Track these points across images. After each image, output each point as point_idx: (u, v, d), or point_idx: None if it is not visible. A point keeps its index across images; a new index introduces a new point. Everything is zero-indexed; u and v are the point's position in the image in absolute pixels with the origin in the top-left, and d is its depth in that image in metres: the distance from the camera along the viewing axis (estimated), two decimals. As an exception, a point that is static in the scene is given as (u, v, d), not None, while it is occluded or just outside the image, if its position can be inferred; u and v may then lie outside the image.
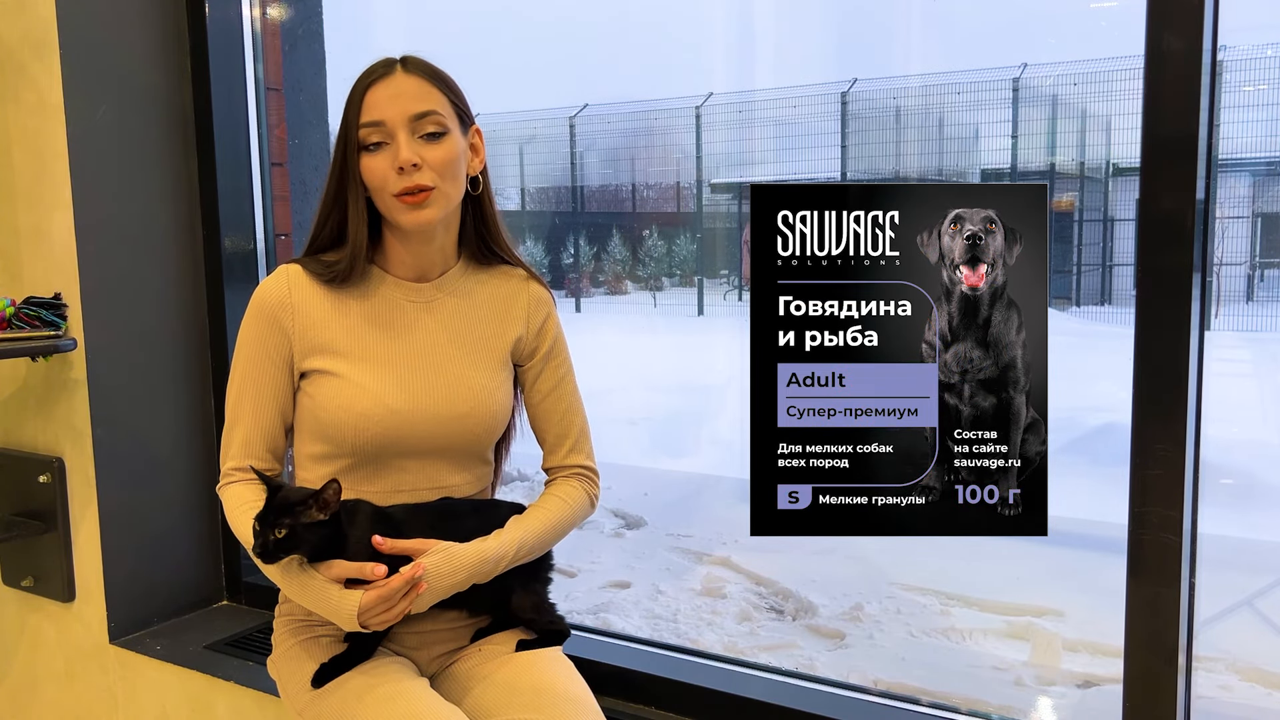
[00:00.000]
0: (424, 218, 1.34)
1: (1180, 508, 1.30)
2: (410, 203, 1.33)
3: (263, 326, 1.39)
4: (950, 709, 1.63)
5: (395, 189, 1.32)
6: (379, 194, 1.35)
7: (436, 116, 1.34)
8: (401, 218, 1.35)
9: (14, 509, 2.17)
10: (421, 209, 1.34)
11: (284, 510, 1.25)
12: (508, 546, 1.37)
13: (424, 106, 1.33)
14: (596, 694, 1.35)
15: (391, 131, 1.32)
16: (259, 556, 1.26)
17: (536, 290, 1.49)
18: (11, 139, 2.05)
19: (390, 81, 1.34)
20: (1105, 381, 6.23)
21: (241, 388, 1.40)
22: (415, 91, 1.33)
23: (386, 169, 1.33)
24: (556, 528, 1.44)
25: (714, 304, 12.45)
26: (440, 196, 1.35)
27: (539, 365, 1.48)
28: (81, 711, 2.19)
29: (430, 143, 1.33)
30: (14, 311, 1.94)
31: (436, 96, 1.35)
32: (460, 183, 1.38)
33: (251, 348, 1.39)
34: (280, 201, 2.32)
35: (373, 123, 1.33)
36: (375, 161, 1.33)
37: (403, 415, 1.36)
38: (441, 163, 1.34)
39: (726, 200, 12.74)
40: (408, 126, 1.32)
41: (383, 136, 1.33)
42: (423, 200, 1.33)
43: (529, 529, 1.40)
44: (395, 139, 1.32)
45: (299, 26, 2.34)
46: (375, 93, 1.33)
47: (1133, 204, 9.87)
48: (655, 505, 4.83)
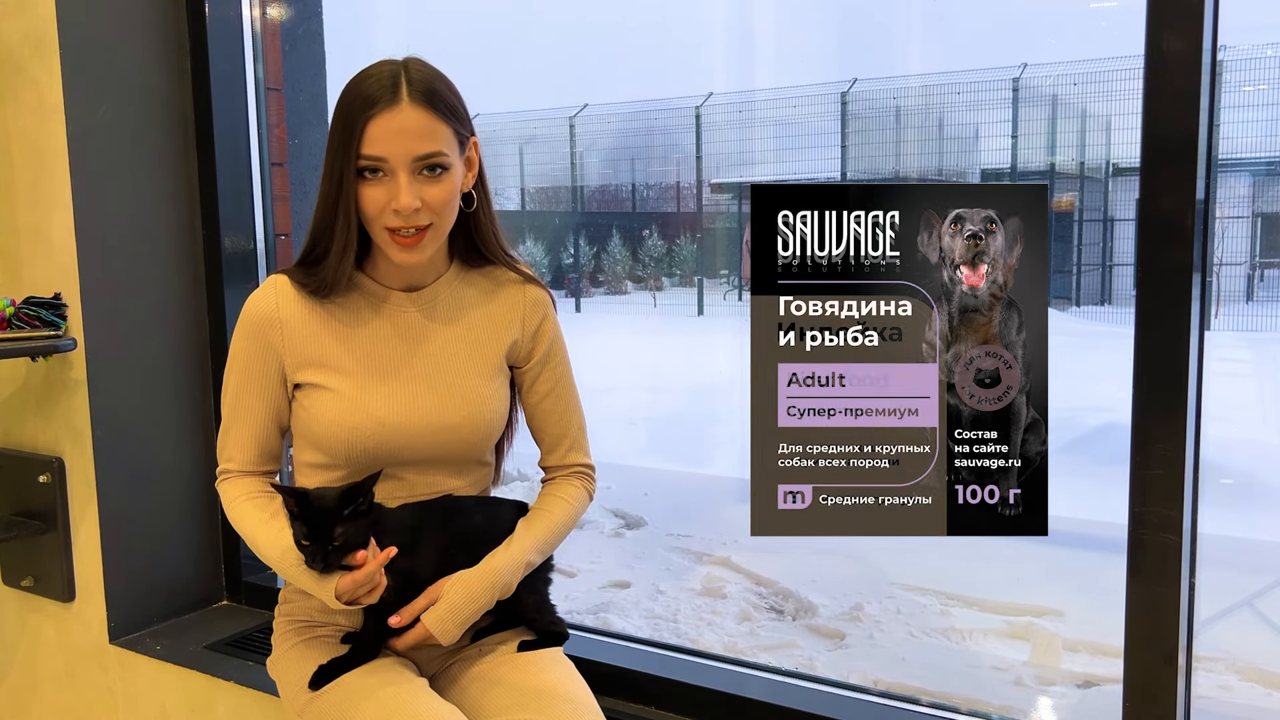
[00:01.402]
0: (414, 259, 1.34)
1: (1180, 508, 1.30)
2: (402, 244, 1.32)
3: (252, 342, 1.39)
4: (950, 709, 1.63)
5: (390, 224, 1.31)
6: (372, 223, 1.33)
7: (439, 157, 1.30)
8: (392, 254, 1.34)
9: (14, 509, 2.16)
10: (413, 251, 1.33)
11: (331, 518, 1.24)
12: (518, 557, 1.39)
13: (429, 148, 1.29)
14: (596, 694, 1.35)
15: (393, 169, 1.29)
16: (318, 569, 1.25)
17: (533, 292, 1.48)
18: (11, 139, 2.05)
19: (395, 114, 1.27)
20: (1105, 381, 6.23)
21: (236, 397, 1.40)
22: (420, 129, 1.28)
23: (383, 203, 1.29)
24: (563, 530, 1.45)
25: (714, 304, 12.45)
26: (434, 234, 1.34)
27: (536, 368, 1.48)
28: (81, 711, 2.19)
29: (430, 180, 1.30)
30: (14, 311, 1.94)
31: (441, 132, 1.30)
32: (455, 213, 1.37)
33: (243, 361, 1.40)
34: (280, 201, 2.32)
35: (374, 158, 1.28)
36: (373, 191, 1.30)
37: (395, 428, 1.36)
38: (440, 202, 1.31)
39: (726, 200, 12.74)
40: (409, 166, 1.28)
41: (383, 169, 1.29)
42: (415, 244, 1.32)
43: (538, 536, 1.42)
44: (396, 178, 1.28)
45: (299, 26, 2.34)
46: (378, 126, 1.27)
47: (1133, 204, 9.87)
48: (655, 505, 4.83)
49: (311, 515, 1.24)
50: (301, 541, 1.25)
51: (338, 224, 1.33)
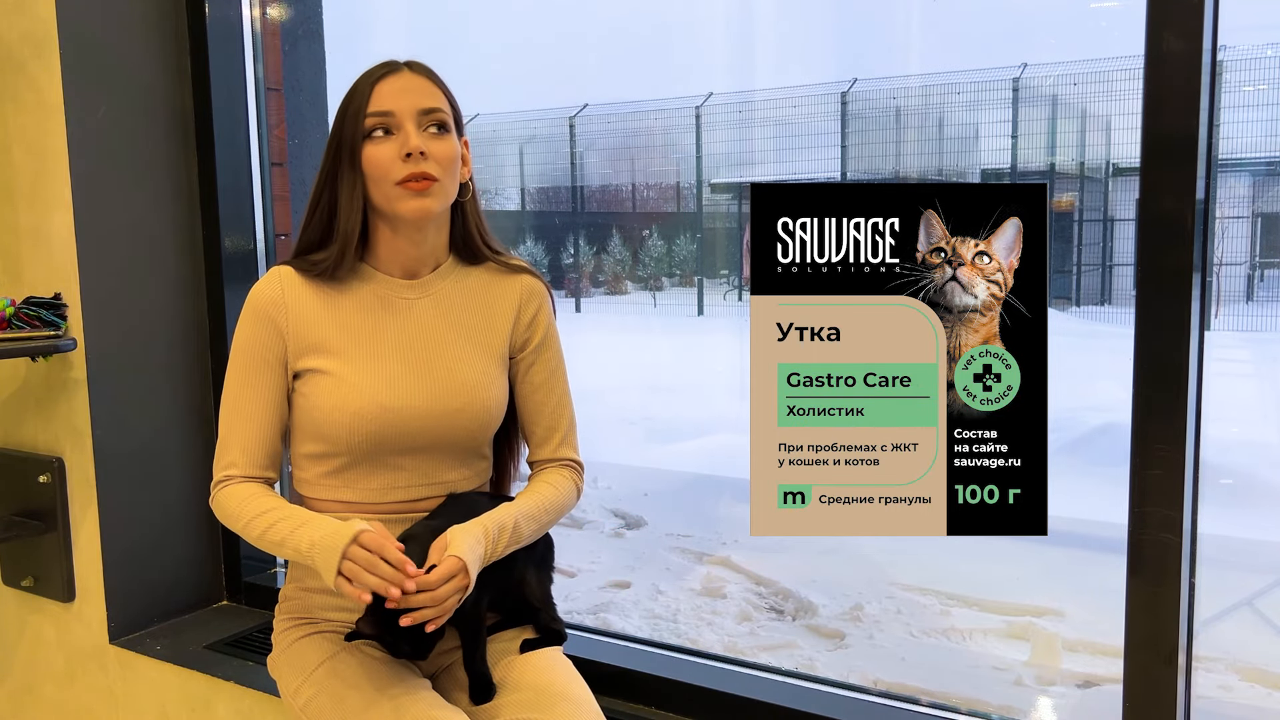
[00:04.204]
0: (426, 205, 1.36)
1: (1180, 508, 1.30)
2: (414, 189, 1.35)
3: (257, 327, 1.39)
4: (950, 709, 1.63)
5: (399, 175, 1.35)
6: (380, 183, 1.36)
7: (442, 114, 1.39)
8: (403, 205, 1.36)
9: (14, 509, 2.17)
10: (424, 196, 1.36)
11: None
12: (506, 515, 1.36)
13: (432, 102, 1.38)
14: (596, 694, 1.35)
15: (399, 122, 1.36)
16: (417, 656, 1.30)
17: (529, 281, 1.49)
18: (11, 139, 2.05)
19: (399, 77, 1.39)
20: (1105, 381, 6.23)
21: (239, 393, 1.40)
22: (422, 88, 1.39)
23: (391, 156, 1.35)
24: (550, 510, 1.43)
25: (714, 304, 12.45)
26: (441, 190, 1.38)
27: (531, 356, 1.48)
28: (81, 711, 2.19)
29: (435, 137, 1.38)
30: (14, 311, 1.94)
31: (441, 97, 1.40)
32: (457, 181, 1.42)
33: (247, 351, 1.39)
34: (280, 201, 2.32)
35: (381, 113, 1.36)
36: (379, 150, 1.36)
37: (396, 412, 1.37)
38: (445, 157, 1.38)
39: (726, 200, 12.74)
40: (415, 119, 1.37)
41: (389, 125, 1.36)
42: (426, 188, 1.36)
43: (523, 503, 1.41)
44: (403, 128, 1.36)
45: (299, 26, 2.34)
46: (384, 85, 1.38)
47: (1133, 204, 9.87)
48: (655, 505, 4.83)
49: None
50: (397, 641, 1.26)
51: (340, 199, 1.38)
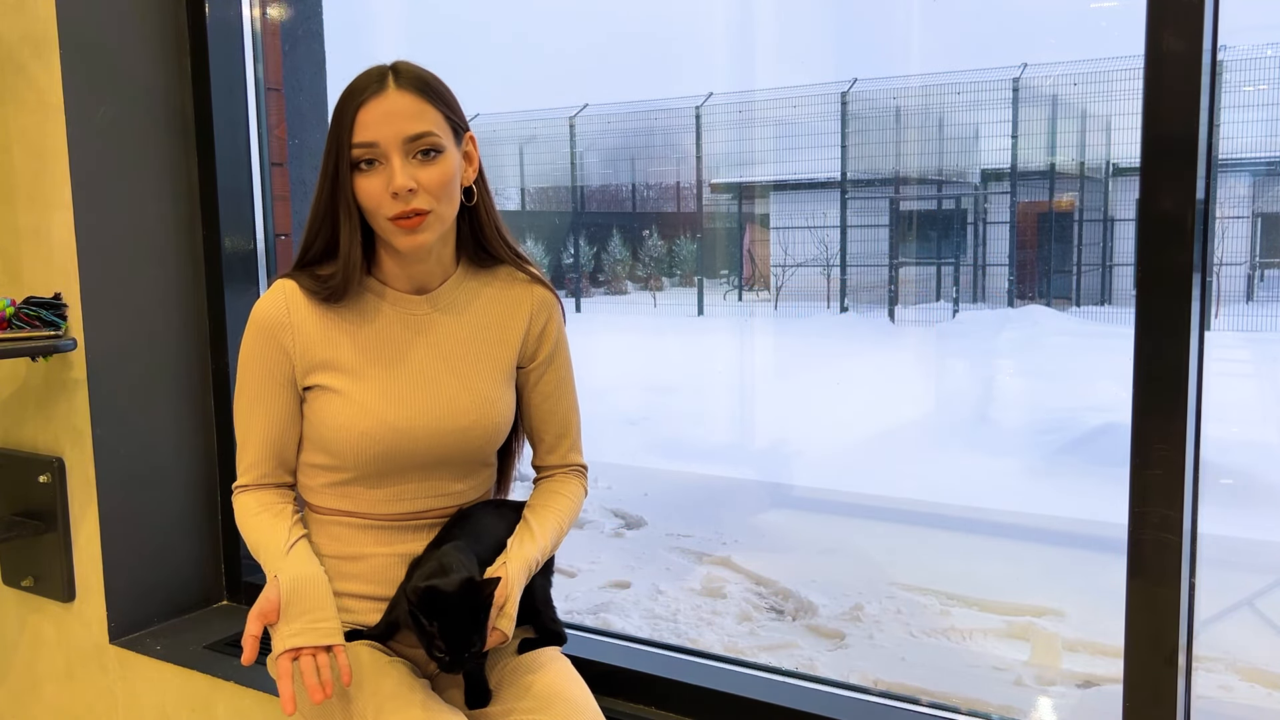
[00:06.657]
0: (419, 241, 1.32)
1: (1180, 508, 1.30)
2: (405, 227, 1.31)
3: (264, 346, 1.38)
4: (950, 709, 1.63)
5: (390, 213, 1.30)
6: (373, 216, 1.33)
7: (431, 137, 1.30)
8: (397, 241, 1.33)
9: (14, 509, 2.16)
10: (417, 233, 1.31)
11: (471, 627, 1.22)
12: (544, 542, 1.40)
13: (418, 128, 1.29)
14: (596, 694, 1.35)
15: (385, 153, 1.29)
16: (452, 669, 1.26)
17: (540, 293, 1.47)
18: (11, 139, 2.05)
19: (382, 100, 1.29)
20: (1105, 381, 6.23)
21: (251, 407, 1.40)
22: (408, 110, 1.29)
23: (380, 192, 1.29)
24: (569, 524, 1.47)
25: (714, 304, 12.47)
26: (435, 220, 1.32)
27: (540, 368, 1.48)
28: (81, 711, 2.19)
29: (425, 163, 1.30)
30: (14, 311, 1.94)
31: (430, 114, 1.30)
32: (456, 200, 1.36)
33: (255, 367, 1.38)
34: (280, 201, 2.32)
35: (365, 144, 1.29)
36: (369, 183, 1.30)
37: (404, 432, 1.36)
38: (437, 184, 1.30)
39: (726, 200, 12.75)
40: (401, 149, 1.28)
41: (376, 156, 1.29)
42: (418, 225, 1.31)
43: (549, 526, 1.42)
44: (389, 161, 1.29)
45: (299, 26, 2.34)
46: (367, 112, 1.28)
47: (1133, 204, 9.88)
48: (655, 505, 4.83)
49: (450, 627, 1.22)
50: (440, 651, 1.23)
51: (340, 224, 1.33)
